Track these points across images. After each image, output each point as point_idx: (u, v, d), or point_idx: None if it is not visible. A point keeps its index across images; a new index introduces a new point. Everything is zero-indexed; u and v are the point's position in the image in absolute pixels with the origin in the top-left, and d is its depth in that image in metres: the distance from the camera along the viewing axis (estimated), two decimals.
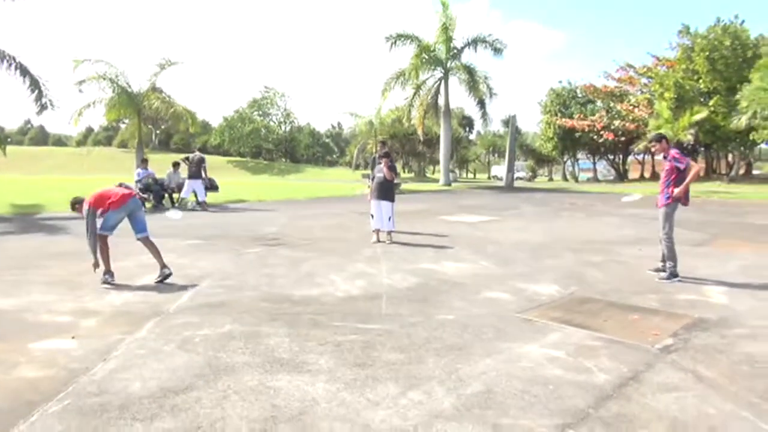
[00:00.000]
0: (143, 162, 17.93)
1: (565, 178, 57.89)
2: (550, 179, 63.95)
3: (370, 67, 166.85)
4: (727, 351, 4.34)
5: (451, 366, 3.95)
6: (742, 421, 3.18)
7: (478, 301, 5.89)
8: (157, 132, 73.31)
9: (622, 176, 50.60)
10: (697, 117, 30.50)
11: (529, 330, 4.86)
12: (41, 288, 6.17)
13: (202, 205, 16.91)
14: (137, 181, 16.80)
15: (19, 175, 36.24)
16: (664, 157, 7.18)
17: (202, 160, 17.42)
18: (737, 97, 28.10)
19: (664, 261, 7.13)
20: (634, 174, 54.90)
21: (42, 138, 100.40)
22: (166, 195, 17.48)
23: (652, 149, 7.42)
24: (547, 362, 4.06)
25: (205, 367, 3.90)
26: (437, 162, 46.12)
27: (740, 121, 27.65)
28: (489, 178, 67.05)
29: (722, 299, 6.00)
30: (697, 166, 6.99)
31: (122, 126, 66.89)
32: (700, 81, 35.33)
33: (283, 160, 77.14)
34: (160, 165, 19.71)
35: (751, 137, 30.97)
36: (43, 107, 17.32)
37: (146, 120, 23.89)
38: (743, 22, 34.84)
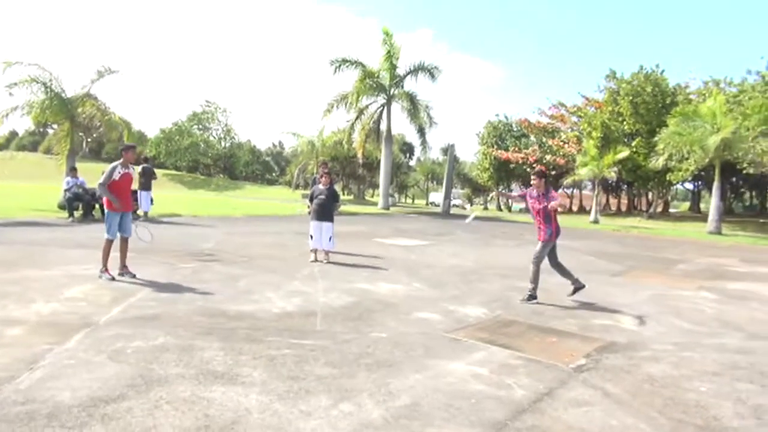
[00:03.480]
0: (72, 171, 17.26)
1: (499, 208, 59.87)
2: (485, 208, 65.94)
3: (314, 87, 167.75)
4: (633, 371, 4.76)
5: (381, 380, 4.14)
6: None
7: (410, 320, 6.13)
8: (89, 140, 70.15)
9: None
10: (621, 156, 32.54)
11: (456, 348, 5.13)
12: None
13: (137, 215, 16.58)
14: (66, 190, 16.14)
15: None
16: (542, 194, 7.68)
17: (153, 173, 17.70)
18: (656, 139, 30.25)
19: (574, 283, 7.75)
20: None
21: None
22: (97, 205, 16.86)
23: (533, 182, 7.89)
24: (472, 378, 4.33)
25: (137, 377, 3.90)
26: (377, 186, 46.76)
27: (658, 162, 29.70)
28: (427, 204, 68.32)
29: (632, 325, 6.51)
30: (559, 201, 7.70)
31: (50, 131, 63.70)
32: (624, 123, 37.76)
33: (222, 176, 75.64)
34: (92, 174, 19.00)
35: (667, 178, 33.32)
36: None
37: (78, 127, 22.92)
38: (663, 71, 37.70)
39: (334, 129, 47.17)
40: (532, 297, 7.51)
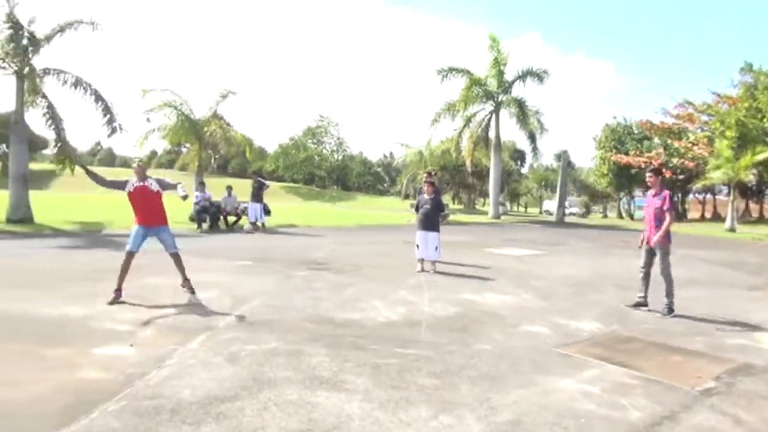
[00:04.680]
0: (201, 185, 18.78)
1: (620, 216, 56.42)
2: (605, 216, 62.41)
3: (422, 97, 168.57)
4: None
5: (483, 394, 4.04)
6: None
7: (517, 333, 5.93)
8: (216, 157, 76.07)
9: (681, 215, 48.92)
10: (761, 157, 29.31)
11: (565, 365, 4.88)
12: (105, 299, 6.60)
13: (255, 226, 17.80)
14: (195, 203, 17.59)
15: (86, 194, 38.43)
16: (655, 194, 7.30)
17: (262, 185, 18.78)
18: None
19: (644, 295, 7.36)
20: (694, 213, 52.99)
21: (110, 159, 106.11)
22: (222, 217, 18.20)
23: (648, 181, 7.49)
24: (582, 397, 4.09)
25: (249, 379, 4.13)
26: (487, 194, 46.00)
27: None
28: (540, 212, 66.05)
29: None
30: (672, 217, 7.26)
31: (183, 150, 70.04)
32: (764, 119, 34.06)
33: (335, 187, 78.55)
34: (218, 189, 20.60)
35: None
36: (113, 130, 18.45)
37: (206, 145, 25.00)
38: None
39: (442, 138, 47.22)
40: (671, 310, 7.02)
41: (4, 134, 39.82)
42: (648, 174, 7.54)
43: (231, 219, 18.43)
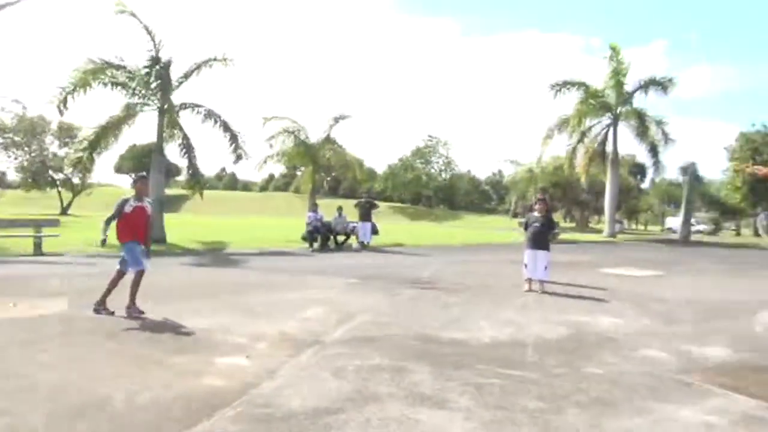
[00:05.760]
0: (314, 206, 19.70)
1: (756, 233, 51.03)
2: (738, 234, 56.73)
3: (532, 114, 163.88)
4: None
5: (593, 420, 3.85)
6: None
7: (633, 358, 5.59)
8: (328, 179, 79.19)
9: None
10: None
11: (687, 393, 4.52)
12: (225, 313, 7.13)
13: (363, 245, 18.36)
14: (308, 224, 18.45)
15: (212, 217, 41.65)
16: None
17: (371, 205, 19.40)
18: None
19: None
20: None
21: (233, 183, 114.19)
22: (332, 237, 18.92)
23: None
24: (704, 428, 3.77)
25: (354, 393, 4.26)
26: (602, 211, 43.64)
27: None
28: (662, 230, 61.42)
29: None
30: None
31: (298, 173, 73.80)
32: None
33: (441, 206, 78.51)
34: (329, 209, 21.45)
35: None
36: (238, 157, 20.02)
37: (319, 168, 26.26)
38: None
39: (554, 154, 45.71)
40: None
41: (147, 163, 44.43)
42: None
43: (340, 238, 19.10)
